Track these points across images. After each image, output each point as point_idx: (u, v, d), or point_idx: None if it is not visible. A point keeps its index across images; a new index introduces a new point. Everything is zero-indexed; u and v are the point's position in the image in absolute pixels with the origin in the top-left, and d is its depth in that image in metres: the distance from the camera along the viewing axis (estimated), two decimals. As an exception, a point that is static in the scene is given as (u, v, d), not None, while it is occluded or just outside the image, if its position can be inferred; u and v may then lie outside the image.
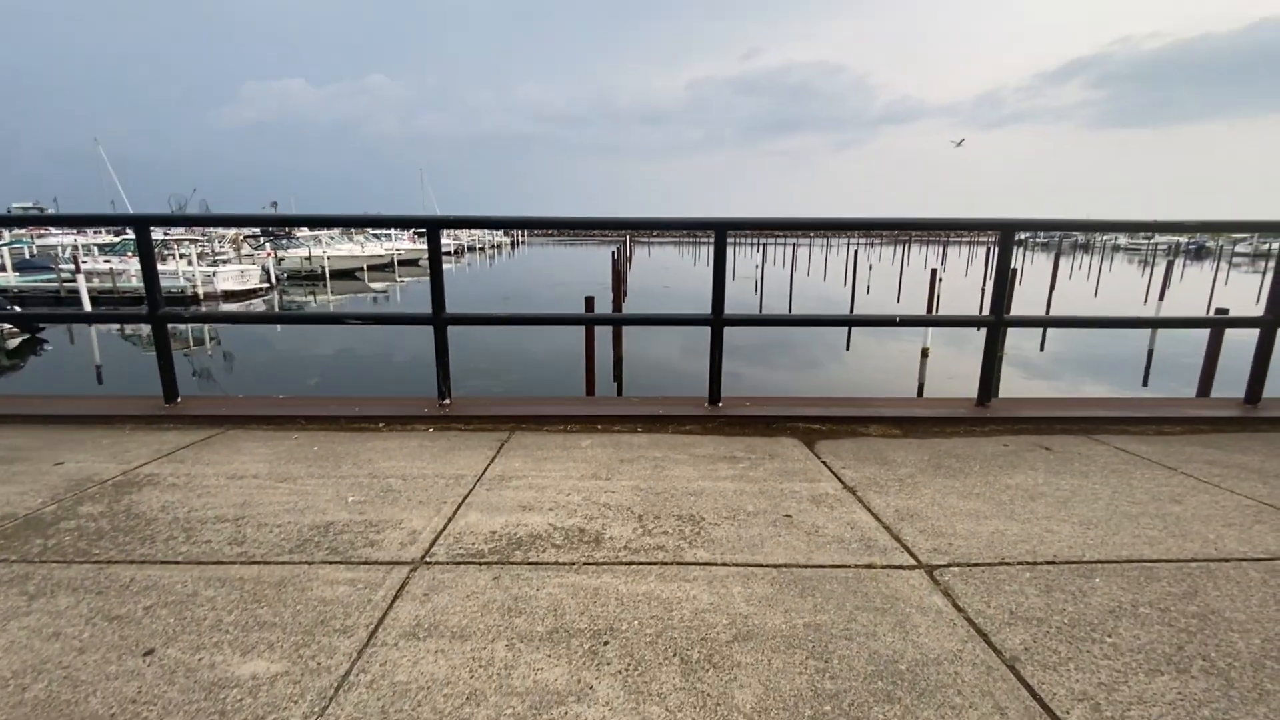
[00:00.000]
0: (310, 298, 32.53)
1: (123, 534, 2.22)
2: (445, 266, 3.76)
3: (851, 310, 24.66)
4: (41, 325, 20.14)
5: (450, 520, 2.31)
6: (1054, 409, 3.71)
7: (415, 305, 29.98)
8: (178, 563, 2.01)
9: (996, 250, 3.57)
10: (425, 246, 3.66)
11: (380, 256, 43.11)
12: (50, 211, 64.93)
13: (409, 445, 3.17)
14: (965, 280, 40.49)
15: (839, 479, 2.74)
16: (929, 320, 4.02)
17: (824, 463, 2.94)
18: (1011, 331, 17.62)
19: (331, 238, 43.39)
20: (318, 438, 3.29)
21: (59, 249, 30.29)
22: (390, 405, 3.76)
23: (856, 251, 33.15)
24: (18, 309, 19.89)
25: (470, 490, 2.58)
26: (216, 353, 18.15)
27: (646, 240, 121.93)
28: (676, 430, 3.39)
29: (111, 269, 26.49)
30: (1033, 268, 47.55)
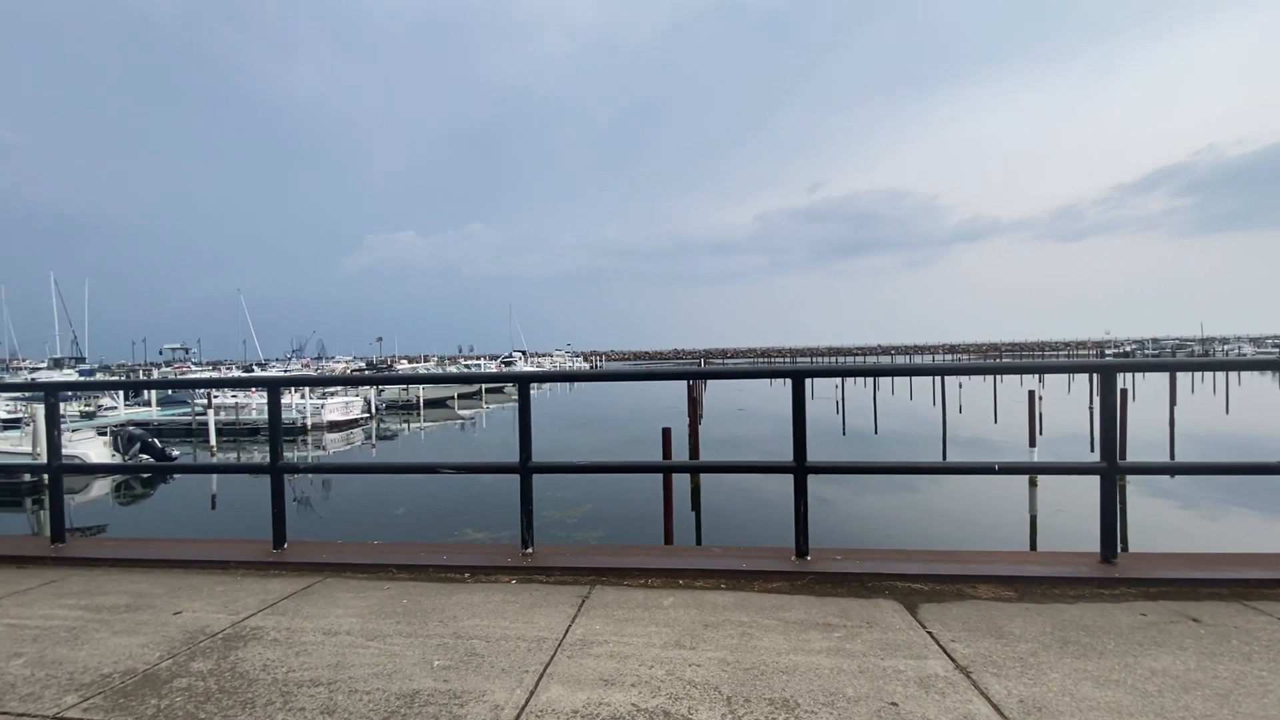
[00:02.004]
0: (405, 425, 34.55)
1: (226, 695, 2.30)
2: (530, 394, 3.94)
3: (944, 432, 23.36)
4: (175, 455, 22.38)
5: (532, 694, 2.25)
6: (1197, 568, 3.27)
7: (500, 433, 31.10)
8: (273, 734, 2.05)
9: (1099, 393, 3.37)
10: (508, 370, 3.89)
11: (470, 386, 45.75)
12: (193, 350, 74.23)
13: (493, 599, 3.18)
14: (1069, 397, 37.80)
15: (949, 655, 2.48)
16: (1033, 468, 3.73)
17: (930, 633, 2.68)
18: (1135, 450, 16.01)
19: (428, 368, 46.78)
20: (408, 589, 3.37)
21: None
22: (475, 554, 3.83)
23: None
24: (157, 442, 22.24)
25: (552, 657, 2.53)
26: (317, 479, 19.28)
27: (721, 361, 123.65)
28: (763, 589, 3.23)
29: (236, 403, 29.46)
30: (1145, 383, 43.92)
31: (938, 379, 33.95)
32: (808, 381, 3.65)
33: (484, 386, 46.90)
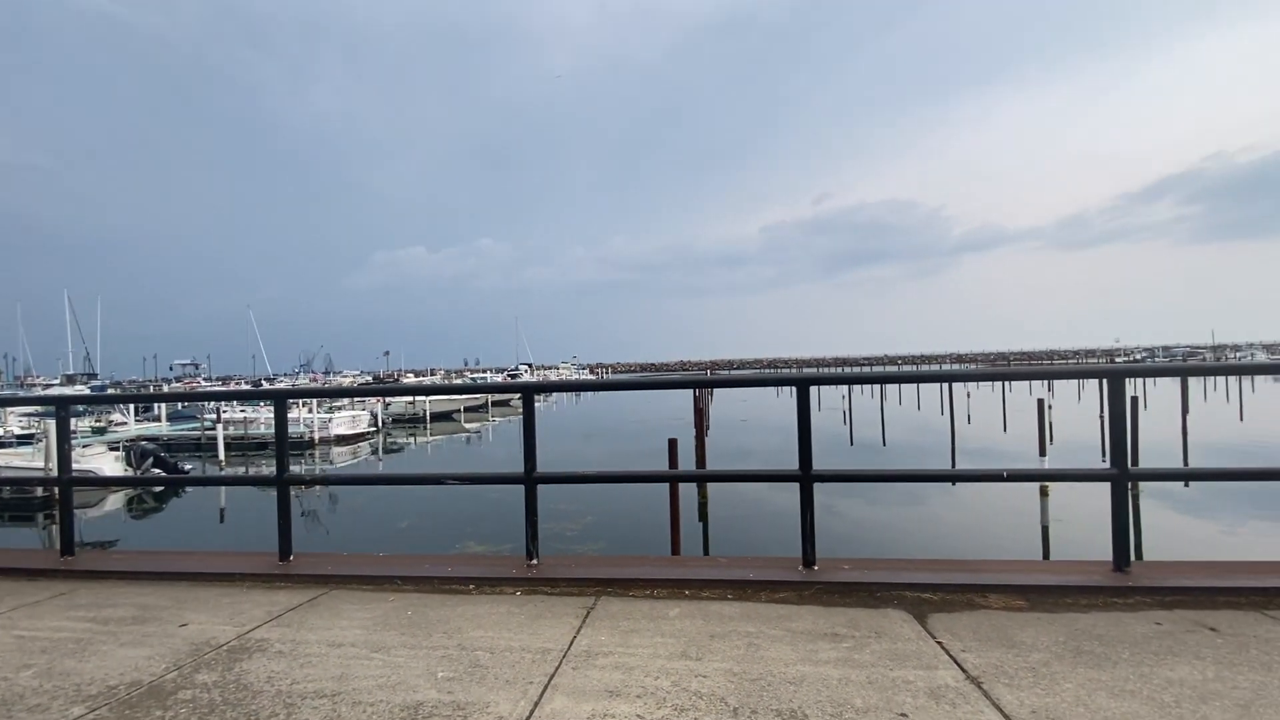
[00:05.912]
0: (411, 439, 34.58)
1: (230, 708, 2.29)
2: (535, 404, 3.94)
3: (953, 442, 23.15)
4: (187, 469, 22.51)
5: (536, 705, 2.23)
6: (1213, 576, 3.22)
7: (506, 446, 31.08)
8: (276, 746, 2.03)
9: (1109, 398, 3.34)
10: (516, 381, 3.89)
11: (476, 399, 45.74)
12: (203, 366, 74.72)
13: (498, 611, 3.16)
14: (1080, 406, 37.46)
15: (959, 665, 2.44)
16: (1044, 475, 3.69)
17: (939, 643, 2.64)
18: (1148, 458, 15.77)
19: (434, 382, 46.94)
20: (412, 600, 3.35)
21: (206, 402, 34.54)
22: (481, 565, 3.82)
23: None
24: (165, 456, 22.35)
25: (557, 668, 2.51)
26: (324, 493, 19.30)
27: (727, 372, 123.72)
28: (770, 599, 3.19)
29: (245, 417, 29.58)
30: (1157, 391, 43.47)
31: (946, 388, 33.73)
32: (815, 391, 3.64)
33: (490, 399, 46.97)
